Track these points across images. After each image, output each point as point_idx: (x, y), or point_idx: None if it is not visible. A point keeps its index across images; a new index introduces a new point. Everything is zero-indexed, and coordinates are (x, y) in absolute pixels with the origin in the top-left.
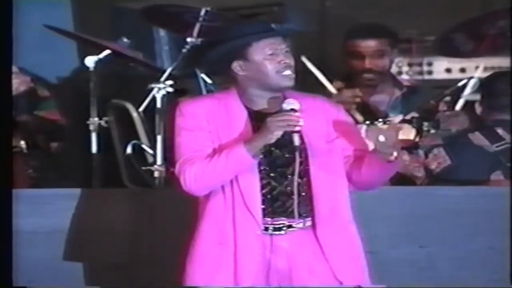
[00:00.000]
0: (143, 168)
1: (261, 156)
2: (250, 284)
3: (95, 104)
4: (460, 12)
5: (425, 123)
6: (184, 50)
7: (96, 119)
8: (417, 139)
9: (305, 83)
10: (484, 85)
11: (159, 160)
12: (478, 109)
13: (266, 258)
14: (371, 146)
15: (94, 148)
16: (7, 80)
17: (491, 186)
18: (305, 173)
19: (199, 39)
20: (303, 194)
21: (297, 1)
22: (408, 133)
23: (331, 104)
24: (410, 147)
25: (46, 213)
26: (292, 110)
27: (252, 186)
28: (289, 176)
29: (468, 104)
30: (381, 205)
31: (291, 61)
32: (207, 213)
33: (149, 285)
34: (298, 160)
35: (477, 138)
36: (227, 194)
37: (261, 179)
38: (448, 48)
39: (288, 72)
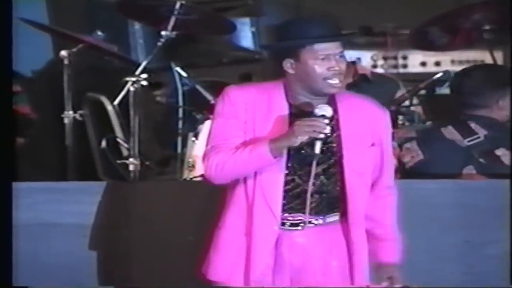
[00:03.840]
0: (118, 161)
1: (292, 152)
2: (259, 276)
3: (69, 98)
4: (435, 6)
5: (400, 117)
6: (159, 44)
7: (71, 112)
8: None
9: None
10: (455, 80)
11: (134, 153)
12: (451, 102)
13: (280, 252)
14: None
15: (69, 141)
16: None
17: (464, 180)
18: (334, 175)
19: (174, 33)
20: (328, 193)
21: None
22: None
23: (379, 109)
24: None
25: (21, 206)
26: (323, 116)
27: (273, 182)
28: (317, 176)
29: (442, 98)
30: None
31: (342, 67)
32: (231, 204)
33: (124, 280)
34: (314, 166)
35: (450, 132)
36: (249, 186)
37: (287, 175)
38: (423, 42)
39: (335, 80)
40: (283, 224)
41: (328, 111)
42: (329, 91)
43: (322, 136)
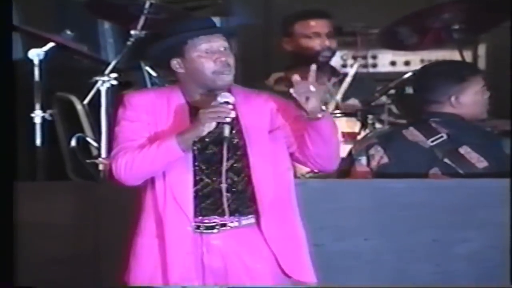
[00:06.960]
0: (88, 161)
1: (196, 151)
2: (179, 280)
3: (39, 97)
4: (404, 5)
5: (370, 116)
6: (128, 43)
7: (40, 111)
8: (362, 132)
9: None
10: (418, 77)
11: (103, 153)
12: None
13: (199, 256)
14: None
15: (38, 141)
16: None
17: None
18: (243, 170)
19: (144, 32)
20: (239, 191)
21: None
22: (353, 126)
23: (275, 98)
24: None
25: None
26: (226, 103)
27: (182, 181)
28: (223, 173)
29: (412, 97)
30: (326, 198)
31: (229, 59)
32: (145, 207)
33: (93, 279)
34: (225, 153)
35: (412, 133)
36: (159, 189)
37: (195, 175)
38: (393, 41)
39: (225, 72)
40: (198, 227)
41: (230, 98)
42: (221, 83)
43: (228, 120)
